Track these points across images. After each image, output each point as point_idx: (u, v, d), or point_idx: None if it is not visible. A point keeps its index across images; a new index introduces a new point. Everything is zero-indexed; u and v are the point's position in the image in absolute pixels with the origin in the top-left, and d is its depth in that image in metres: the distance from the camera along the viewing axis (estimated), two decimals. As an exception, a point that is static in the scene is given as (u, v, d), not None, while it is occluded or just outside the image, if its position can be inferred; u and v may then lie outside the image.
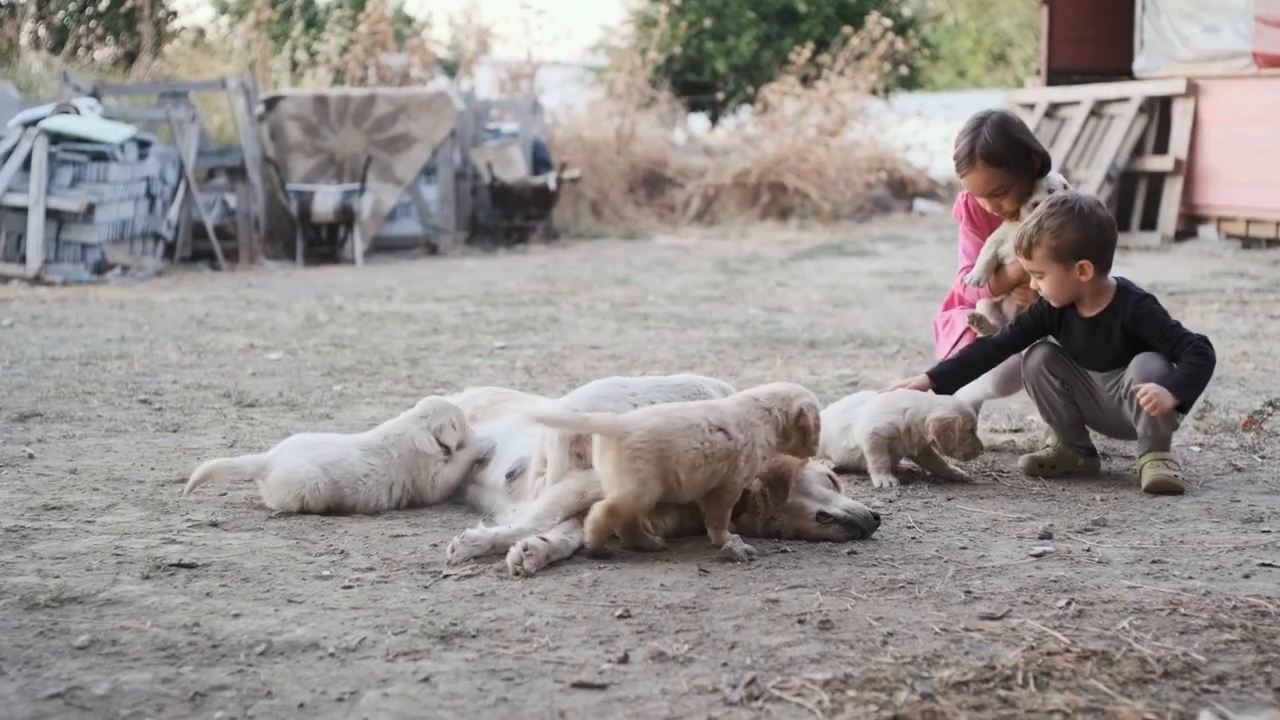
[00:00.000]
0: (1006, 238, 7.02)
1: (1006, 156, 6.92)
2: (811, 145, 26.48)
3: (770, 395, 5.51)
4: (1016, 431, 7.93)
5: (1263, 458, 7.10)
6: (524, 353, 10.58)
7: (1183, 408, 6.44)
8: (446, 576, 5.05)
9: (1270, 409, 8.04)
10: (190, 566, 5.12)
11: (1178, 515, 6.00)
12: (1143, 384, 6.36)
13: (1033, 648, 4.29)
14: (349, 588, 4.91)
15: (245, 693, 3.93)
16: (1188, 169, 20.05)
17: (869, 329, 11.99)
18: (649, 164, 26.87)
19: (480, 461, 6.14)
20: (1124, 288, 6.64)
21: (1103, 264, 6.54)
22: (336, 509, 5.95)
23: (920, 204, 28.11)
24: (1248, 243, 19.30)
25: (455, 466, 6.16)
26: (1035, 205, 6.78)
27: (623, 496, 5.22)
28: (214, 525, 5.74)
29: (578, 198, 24.73)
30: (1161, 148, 20.54)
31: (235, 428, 7.78)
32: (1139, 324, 6.55)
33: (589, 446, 5.47)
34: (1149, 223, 20.52)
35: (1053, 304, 6.66)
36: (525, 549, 5.09)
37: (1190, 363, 6.43)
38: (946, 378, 6.87)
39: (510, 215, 22.06)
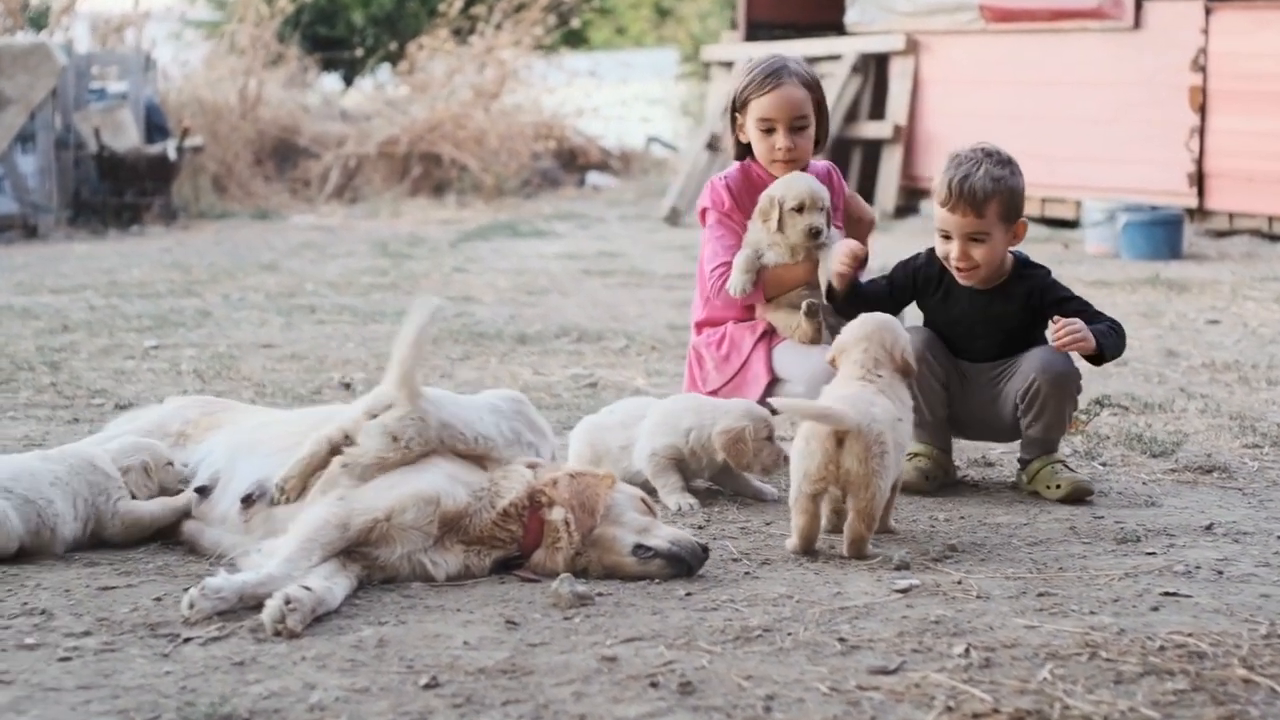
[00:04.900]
0: (762, 239, 6.79)
1: None
2: (469, 109, 26.00)
3: None
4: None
5: (1104, 465, 6.96)
6: (184, 353, 9.95)
7: (1099, 359, 6.26)
8: (188, 640, 4.50)
9: (1098, 408, 7.90)
10: None
11: (1039, 536, 5.78)
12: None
13: (950, 709, 3.98)
14: (67, 659, 4.34)
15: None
16: (908, 136, 20.17)
17: (580, 320, 11.66)
18: (279, 131, 26.07)
19: (200, 490, 5.54)
20: (1021, 258, 6.44)
21: None
22: (33, 540, 5.32)
23: (593, 177, 27.87)
24: (975, 218, 19.45)
25: (151, 504, 5.56)
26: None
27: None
28: None
29: (198, 171, 23.81)
30: (878, 112, 20.62)
31: None
32: (1046, 295, 6.34)
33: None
34: (865, 197, 20.46)
35: (964, 278, 6.33)
36: (288, 602, 4.56)
37: (1110, 329, 6.23)
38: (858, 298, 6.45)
39: (121, 191, 21.07)
